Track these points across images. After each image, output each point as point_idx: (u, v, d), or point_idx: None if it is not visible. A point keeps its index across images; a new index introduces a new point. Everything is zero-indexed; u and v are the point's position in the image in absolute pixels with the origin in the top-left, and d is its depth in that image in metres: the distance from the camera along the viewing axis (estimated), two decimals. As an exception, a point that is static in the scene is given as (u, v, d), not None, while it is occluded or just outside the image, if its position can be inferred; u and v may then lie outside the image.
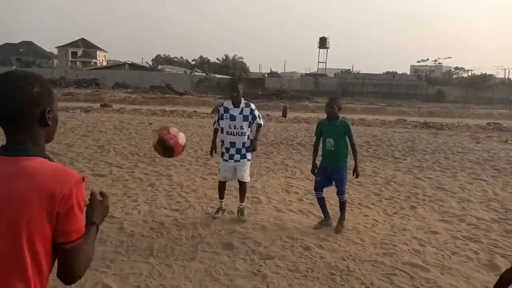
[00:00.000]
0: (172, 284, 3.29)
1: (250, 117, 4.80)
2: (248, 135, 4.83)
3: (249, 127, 4.83)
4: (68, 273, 1.25)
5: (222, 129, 4.86)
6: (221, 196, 5.07)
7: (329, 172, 4.67)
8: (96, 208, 1.42)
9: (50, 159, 1.28)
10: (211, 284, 3.33)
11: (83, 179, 1.27)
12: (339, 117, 4.64)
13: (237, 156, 4.82)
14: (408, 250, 4.17)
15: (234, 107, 4.80)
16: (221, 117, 4.85)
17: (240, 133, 4.78)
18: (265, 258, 3.85)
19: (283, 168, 7.96)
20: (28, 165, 1.20)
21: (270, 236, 4.41)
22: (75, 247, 1.23)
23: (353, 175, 4.67)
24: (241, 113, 4.77)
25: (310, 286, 3.36)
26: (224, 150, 4.90)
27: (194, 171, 7.30)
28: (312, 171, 4.93)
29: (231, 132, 4.78)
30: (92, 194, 1.44)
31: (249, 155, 4.90)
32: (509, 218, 5.33)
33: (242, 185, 5.02)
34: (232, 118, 4.76)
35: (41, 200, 1.16)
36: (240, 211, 5.02)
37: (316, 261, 3.82)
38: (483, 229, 4.90)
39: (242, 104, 4.80)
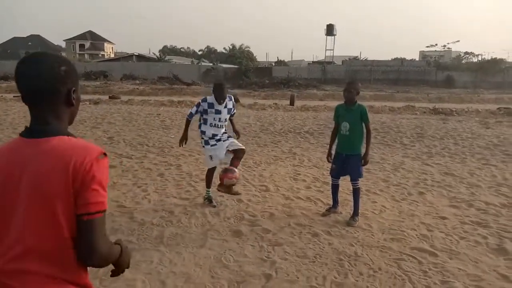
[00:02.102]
0: (183, 271, 3.36)
1: (232, 109, 5.07)
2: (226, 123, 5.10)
3: (231, 117, 5.16)
4: (86, 248, 1.23)
5: (205, 120, 4.92)
6: (209, 185, 5.13)
7: (344, 158, 4.60)
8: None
9: (73, 136, 1.31)
10: (221, 271, 3.38)
11: (105, 155, 1.28)
12: (356, 102, 4.58)
13: (223, 139, 5.02)
14: (416, 235, 4.19)
15: (219, 104, 4.87)
16: (204, 112, 4.89)
17: (223, 126, 4.99)
18: (273, 245, 3.90)
19: (291, 157, 7.98)
20: (50, 145, 1.24)
21: (278, 223, 4.45)
22: (95, 220, 1.22)
23: (361, 161, 4.63)
24: (225, 106, 4.94)
25: (318, 271, 3.40)
26: (207, 138, 4.97)
27: (203, 161, 7.34)
28: (328, 157, 4.85)
29: (214, 124, 4.93)
30: None
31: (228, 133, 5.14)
32: (519, 202, 5.31)
33: (241, 151, 5.03)
34: (218, 112, 4.90)
35: (64, 174, 1.19)
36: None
37: (324, 247, 3.86)
38: (492, 214, 4.90)
39: (226, 99, 4.92)
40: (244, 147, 5.12)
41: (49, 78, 1.26)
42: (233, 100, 5.08)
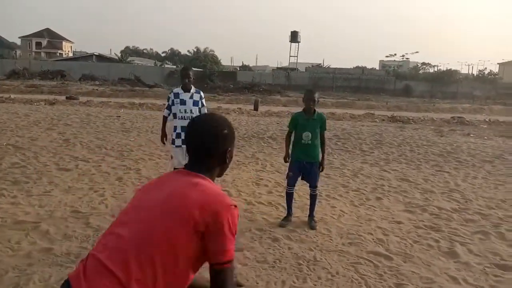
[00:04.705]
0: (139, 278, 3.26)
1: (199, 103, 5.05)
2: None
3: (198, 113, 5.04)
4: None
5: (174, 114, 5.02)
6: None
7: (303, 166, 4.63)
8: None
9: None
10: (179, 277, 3.32)
11: (236, 206, 1.41)
12: (315, 111, 4.63)
13: None
14: (373, 239, 4.29)
15: (185, 92, 5.00)
16: (172, 103, 5.03)
17: (190, 117, 4.95)
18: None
19: (253, 162, 8.00)
20: (195, 179, 1.42)
21: (239, 229, 4.36)
22: (226, 269, 1.31)
23: (319, 168, 4.71)
24: (191, 97, 5.01)
25: (278, 276, 3.41)
26: (175, 136, 5.03)
27: (163, 165, 7.22)
28: (285, 158, 4.84)
29: (181, 116, 4.97)
30: None
31: None
32: (469, 208, 5.57)
33: None
34: (183, 102, 4.97)
35: (196, 210, 1.30)
36: None
37: (284, 252, 3.88)
38: (444, 218, 5.10)
39: (193, 90, 5.04)
40: None
41: (214, 140, 1.49)
42: (201, 95, 5.08)
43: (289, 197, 4.81)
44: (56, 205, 4.87)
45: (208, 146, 1.48)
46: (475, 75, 50.79)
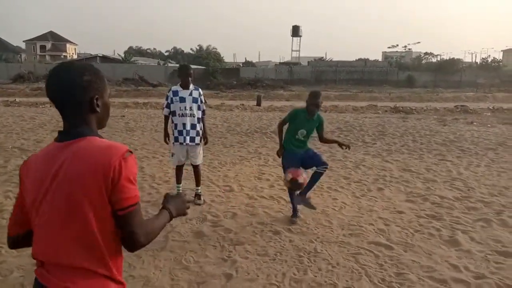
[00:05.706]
0: (141, 274, 3.32)
1: (199, 100, 5.03)
2: (198, 118, 5.04)
3: (198, 109, 5.04)
4: (125, 239, 1.35)
5: (174, 112, 5.00)
6: (179, 181, 5.28)
7: (301, 155, 4.53)
8: (172, 198, 1.59)
9: (100, 137, 1.39)
10: (181, 272, 3.37)
11: (131, 152, 1.37)
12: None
13: (187, 139, 5.00)
14: (374, 230, 4.32)
15: (183, 89, 4.98)
16: (171, 101, 5.00)
17: (190, 114, 4.97)
18: (235, 244, 3.92)
19: (256, 156, 8.03)
20: (78, 147, 1.32)
21: (240, 223, 4.48)
22: (128, 214, 1.33)
23: (347, 148, 4.63)
24: (190, 94, 4.98)
25: (278, 268, 3.45)
26: (176, 134, 5.04)
27: (166, 163, 7.28)
28: (280, 153, 4.71)
29: (182, 113, 4.96)
30: (167, 194, 1.62)
31: (198, 139, 5.08)
32: (471, 196, 5.57)
33: (196, 168, 5.22)
34: (182, 100, 4.95)
35: (94, 175, 1.28)
36: (197, 195, 5.16)
37: (284, 245, 3.92)
38: (446, 207, 5.11)
39: (191, 87, 5.01)
40: (200, 163, 5.23)
41: (69, 89, 1.35)
42: (200, 91, 5.07)
43: (292, 193, 4.69)
44: (60, 205, 4.94)
45: (66, 97, 1.35)
46: (478, 63, 50.26)
